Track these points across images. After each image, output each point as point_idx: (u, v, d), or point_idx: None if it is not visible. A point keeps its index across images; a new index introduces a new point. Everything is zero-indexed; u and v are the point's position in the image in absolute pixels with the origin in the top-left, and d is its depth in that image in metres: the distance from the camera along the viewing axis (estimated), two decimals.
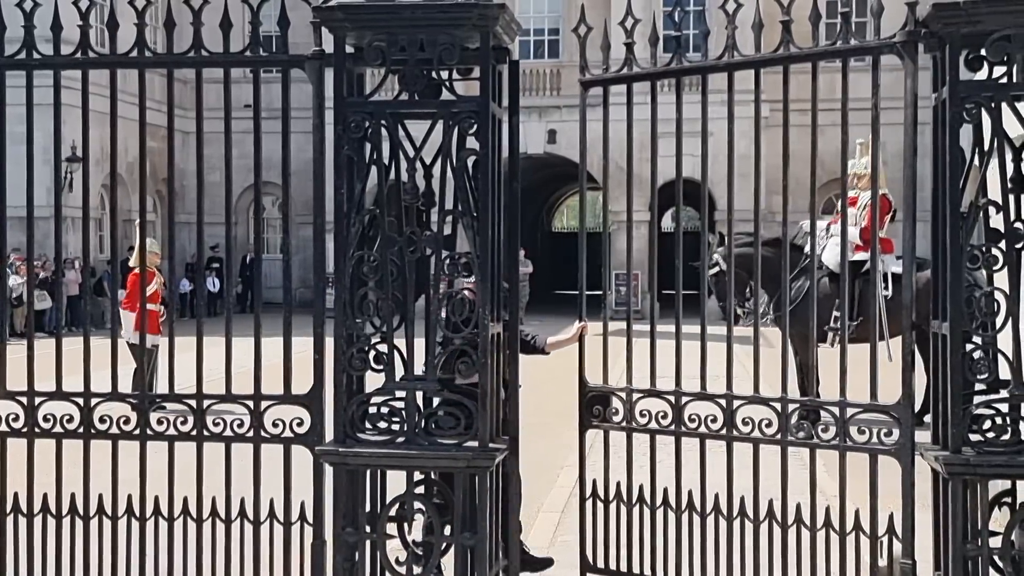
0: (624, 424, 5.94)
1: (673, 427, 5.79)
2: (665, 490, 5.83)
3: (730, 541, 5.61)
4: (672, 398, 5.76)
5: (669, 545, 5.78)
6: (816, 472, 5.60)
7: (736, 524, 5.63)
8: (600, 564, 5.98)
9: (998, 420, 4.77)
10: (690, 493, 5.75)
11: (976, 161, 4.83)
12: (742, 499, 5.62)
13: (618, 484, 5.96)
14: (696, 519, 5.75)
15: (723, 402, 5.67)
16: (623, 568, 5.92)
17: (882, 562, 5.24)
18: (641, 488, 5.87)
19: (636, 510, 5.87)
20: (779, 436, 5.53)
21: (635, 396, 5.90)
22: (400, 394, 4.84)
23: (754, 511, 5.59)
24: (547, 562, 6.61)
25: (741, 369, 5.91)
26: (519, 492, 5.54)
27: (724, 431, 5.70)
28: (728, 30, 5.90)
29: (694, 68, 6.20)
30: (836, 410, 5.36)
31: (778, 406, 5.50)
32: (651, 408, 5.81)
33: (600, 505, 6.00)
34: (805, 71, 5.87)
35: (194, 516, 5.22)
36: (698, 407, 5.73)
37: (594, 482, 6.02)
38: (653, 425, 5.83)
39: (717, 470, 5.66)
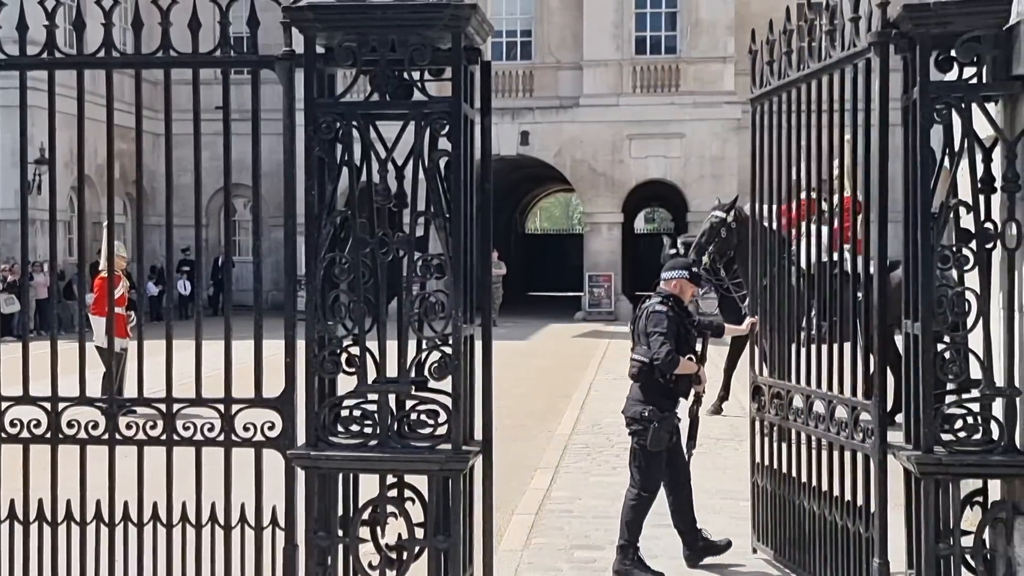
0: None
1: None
2: None
3: None
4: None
5: None
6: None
7: None
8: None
9: (969, 420, 4.79)
10: None
11: (947, 162, 4.86)
12: None
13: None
14: None
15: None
16: None
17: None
18: None
19: None
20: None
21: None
22: (372, 397, 4.81)
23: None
24: (727, 545, 6.77)
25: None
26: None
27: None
28: None
29: None
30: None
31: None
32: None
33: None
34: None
35: (164, 521, 5.16)
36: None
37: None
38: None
39: None
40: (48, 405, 5.25)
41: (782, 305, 6.27)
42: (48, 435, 5.23)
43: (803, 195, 10.04)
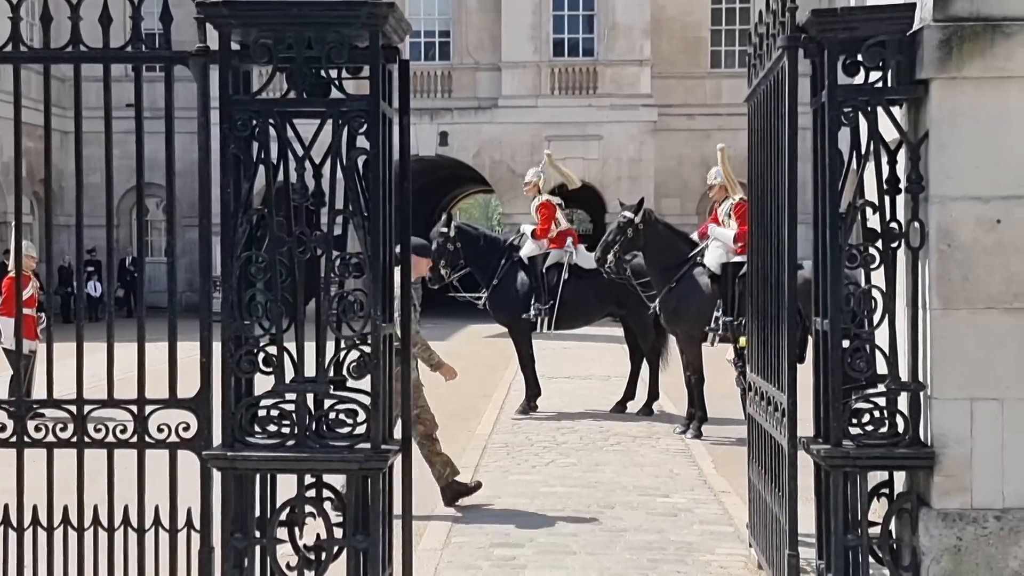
0: None
1: None
2: None
3: None
4: None
5: None
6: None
7: None
8: None
9: (876, 414, 4.93)
10: None
11: (854, 163, 4.99)
12: None
13: None
14: None
15: None
16: None
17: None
18: None
19: None
20: None
21: None
22: (290, 396, 4.77)
23: None
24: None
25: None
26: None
27: None
28: None
29: None
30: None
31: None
32: None
33: None
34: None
35: (75, 525, 5.06)
36: None
37: None
38: None
39: None
40: None
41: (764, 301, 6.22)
42: None
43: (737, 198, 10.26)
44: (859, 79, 5.03)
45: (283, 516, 4.84)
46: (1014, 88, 4.79)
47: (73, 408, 5.06)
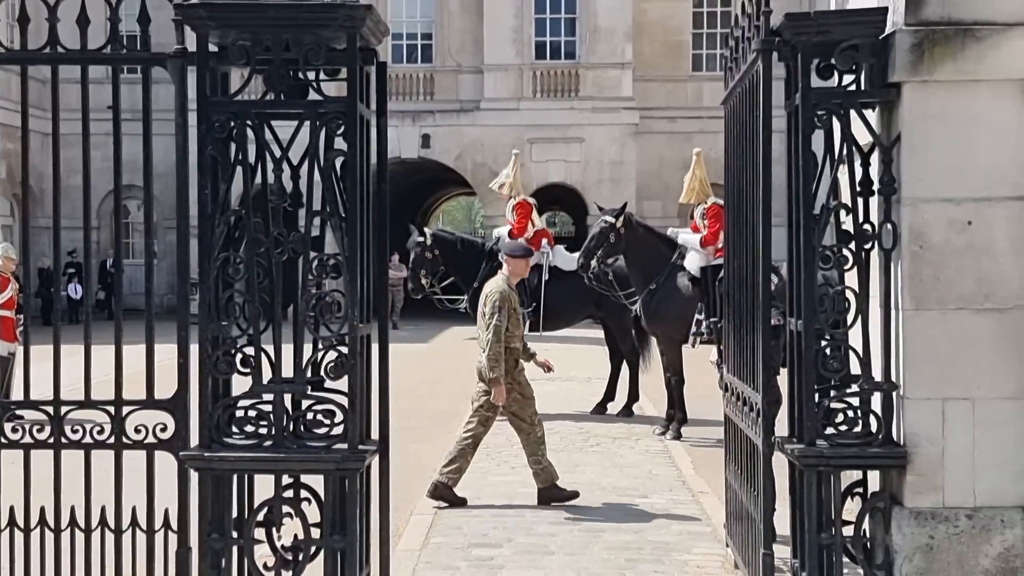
0: None
1: None
2: None
3: None
4: None
5: None
6: None
7: None
8: None
9: (850, 413, 4.98)
10: None
11: (827, 166, 5.05)
12: None
13: None
14: None
15: None
16: None
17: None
18: None
19: None
20: None
21: None
22: (268, 397, 4.79)
23: None
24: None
25: None
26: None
27: None
28: None
29: None
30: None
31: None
32: None
33: None
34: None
35: (52, 526, 5.05)
36: None
37: None
38: None
39: None
40: None
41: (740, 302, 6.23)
42: None
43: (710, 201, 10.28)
44: (832, 82, 5.09)
45: (260, 516, 4.85)
46: (984, 91, 4.85)
47: (50, 409, 5.06)
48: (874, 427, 4.98)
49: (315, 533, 4.80)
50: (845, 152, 4.99)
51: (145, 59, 5.00)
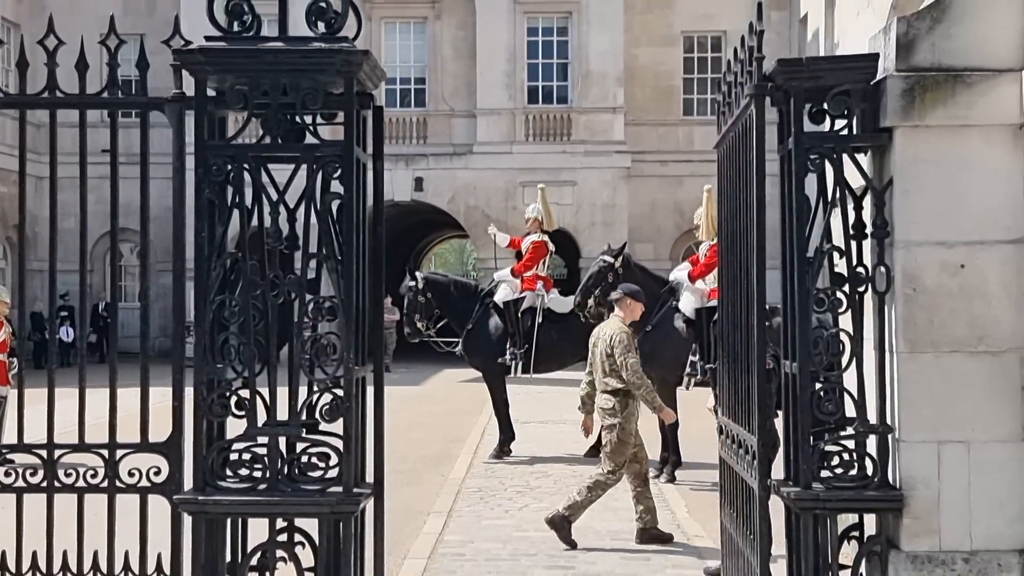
0: None
1: None
2: None
3: None
4: None
5: None
6: None
7: None
8: None
9: (845, 456, 4.97)
10: None
11: (821, 209, 5.08)
12: None
13: None
14: None
15: None
16: None
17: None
18: None
19: None
20: None
21: None
22: (262, 440, 4.77)
23: None
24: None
25: None
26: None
27: None
28: None
29: None
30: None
31: None
32: None
33: None
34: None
35: (44, 571, 5.01)
36: None
37: None
38: None
39: None
40: None
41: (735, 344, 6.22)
42: None
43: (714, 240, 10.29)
44: (825, 127, 5.14)
45: (254, 561, 4.82)
46: (975, 136, 4.90)
47: (44, 452, 5.03)
48: (870, 470, 4.97)
49: None
50: (838, 196, 5.02)
51: (143, 103, 5.03)
